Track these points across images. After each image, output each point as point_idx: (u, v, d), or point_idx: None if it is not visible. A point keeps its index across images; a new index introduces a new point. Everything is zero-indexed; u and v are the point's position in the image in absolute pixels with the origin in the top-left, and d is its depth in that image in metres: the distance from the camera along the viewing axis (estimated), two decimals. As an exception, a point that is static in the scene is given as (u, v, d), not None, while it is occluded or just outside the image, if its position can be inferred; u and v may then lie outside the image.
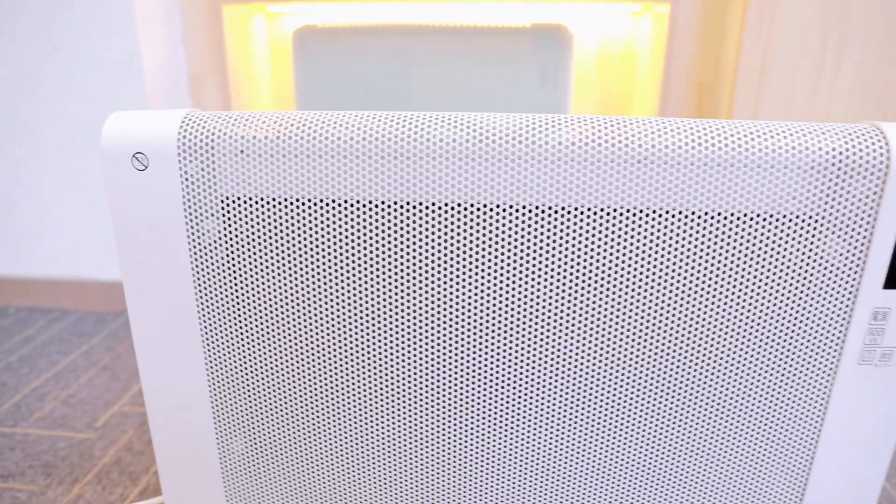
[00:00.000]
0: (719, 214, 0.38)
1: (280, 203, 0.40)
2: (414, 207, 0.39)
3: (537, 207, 0.39)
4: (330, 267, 0.41)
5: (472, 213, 0.39)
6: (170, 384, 0.46)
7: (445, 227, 0.40)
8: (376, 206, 0.40)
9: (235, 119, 0.41)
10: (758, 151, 0.37)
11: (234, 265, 0.42)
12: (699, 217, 0.38)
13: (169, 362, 0.46)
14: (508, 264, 0.40)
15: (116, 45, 1.08)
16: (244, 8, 1.16)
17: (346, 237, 0.41)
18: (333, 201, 0.40)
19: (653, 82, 1.06)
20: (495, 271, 0.40)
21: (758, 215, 0.38)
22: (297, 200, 0.40)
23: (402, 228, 0.40)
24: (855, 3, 0.93)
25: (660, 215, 0.39)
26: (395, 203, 0.39)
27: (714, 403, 0.43)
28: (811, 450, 0.44)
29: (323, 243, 0.41)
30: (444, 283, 0.41)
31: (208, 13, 1.14)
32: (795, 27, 0.95)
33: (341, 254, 0.41)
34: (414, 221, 0.40)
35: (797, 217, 0.38)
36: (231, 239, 0.42)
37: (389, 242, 0.40)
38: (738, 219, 0.38)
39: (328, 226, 0.40)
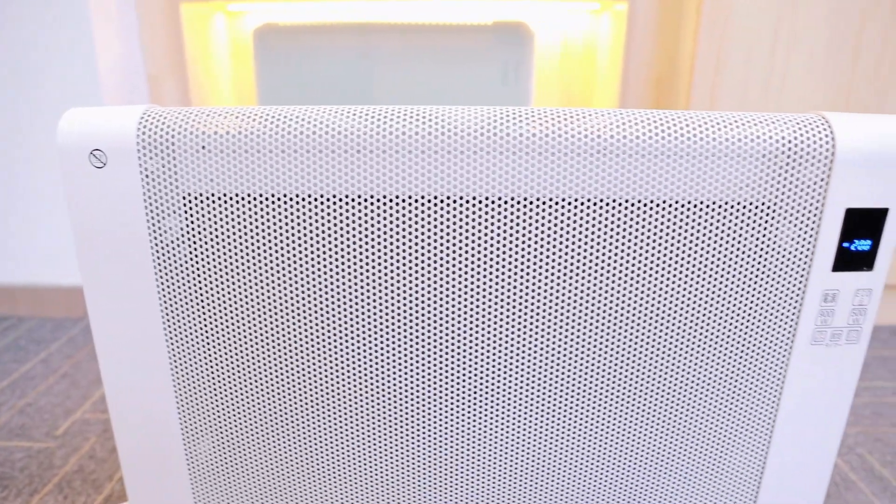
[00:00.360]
0: (677, 203, 0.39)
1: (243, 199, 0.40)
2: (378, 201, 0.40)
3: (500, 199, 0.39)
4: (294, 263, 0.41)
5: (434, 206, 0.40)
6: (134, 387, 0.45)
7: (409, 220, 0.40)
8: (341, 200, 0.40)
9: (196, 114, 0.40)
10: (712, 141, 0.39)
11: (197, 263, 0.42)
12: (657, 206, 0.40)
13: (132, 365, 0.45)
14: (474, 256, 0.41)
15: (70, 45, 1.06)
16: (203, 6, 1.14)
17: (311, 232, 0.41)
18: (298, 196, 0.40)
19: (612, 78, 1.08)
20: (459, 264, 0.41)
21: (714, 203, 0.40)
22: (261, 196, 0.40)
23: (367, 223, 0.40)
24: (803, 0, 0.97)
25: (619, 205, 0.39)
26: (360, 197, 0.40)
27: (676, 385, 0.44)
28: (769, 427, 0.46)
29: (287, 239, 0.41)
30: (410, 277, 0.41)
31: (166, 12, 1.12)
32: (748, 24, 0.98)
33: (306, 250, 0.41)
34: (378, 216, 0.40)
35: (751, 204, 0.40)
36: (194, 237, 0.41)
37: (355, 237, 0.40)
38: (695, 207, 0.40)
39: (292, 222, 0.40)
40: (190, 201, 0.41)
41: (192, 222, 0.41)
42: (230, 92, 1.27)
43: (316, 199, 0.40)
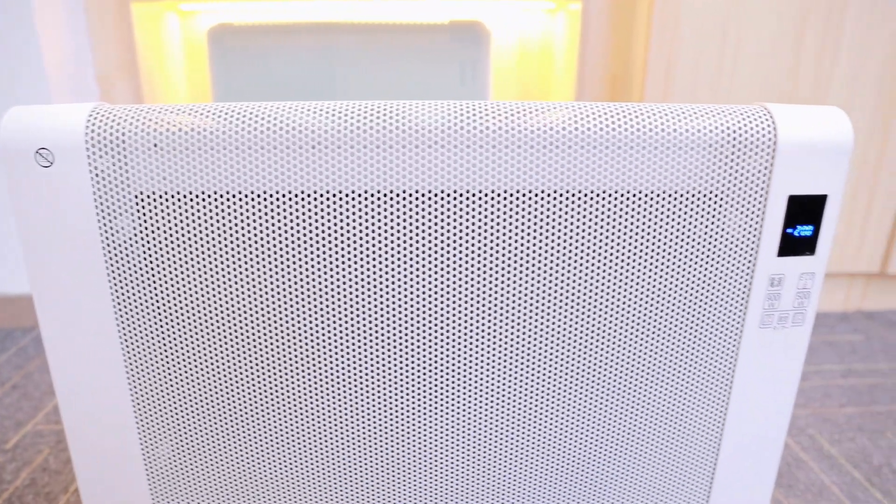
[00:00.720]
0: (628, 192, 0.41)
1: (198, 198, 0.40)
2: (334, 196, 0.40)
3: (455, 192, 0.40)
4: (252, 262, 0.41)
5: (392, 200, 0.40)
6: (89, 394, 0.44)
7: (368, 216, 0.40)
8: (298, 196, 0.40)
9: (147, 112, 0.39)
10: (661, 132, 0.40)
11: (152, 265, 0.41)
12: (610, 197, 0.41)
13: (87, 372, 0.44)
14: (433, 250, 0.41)
15: (14, 44, 1.02)
16: (154, 6, 1.11)
17: (268, 230, 0.40)
18: (253, 194, 0.39)
19: (568, 77, 1.10)
20: (419, 258, 0.41)
21: (664, 193, 0.41)
22: (216, 194, 0.40)
23: (325, 220, 0.40)
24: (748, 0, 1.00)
25: (573, 196, 0.40)
26: (315, 193, 0.39)
27: (633, 371, 0.45)
28: (724, 408, 0.47)
29: (244, 238, 0.40)
30: (370, 273, 0.41)
31: (116, 11, 1.09)
32: (697, 23, 1.01)
33: (263, 248, 0.41)
34: (337, 212, 0.40)
35: (699, 193, 0.41)
36: (148, 237, 0.41)
37: (314, 234, 0.40)
38: (647, 197, 0.41)
39: (249, 220, 0.40)
40: (143, 201, 0.40)
41: (146, 222, 0.40)
42: (185, 93, 1.24)
43: (272, 197, 0.40)
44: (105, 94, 1.14)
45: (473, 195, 0.40)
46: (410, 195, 0.40)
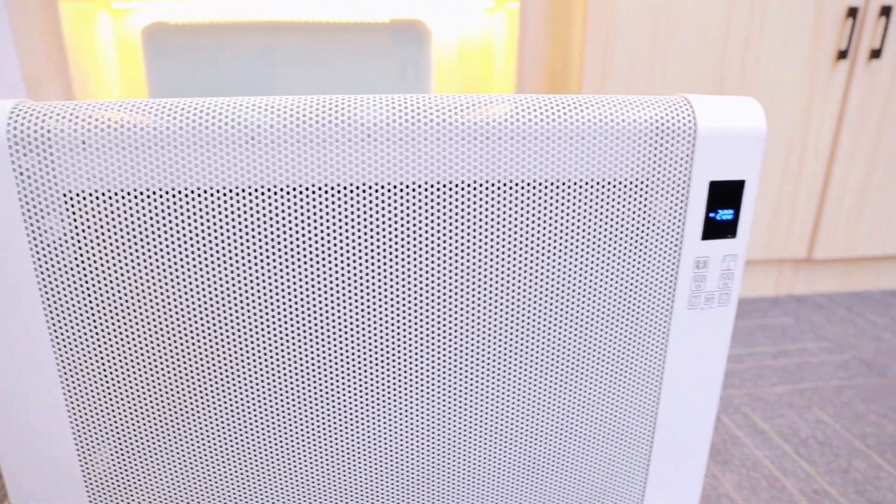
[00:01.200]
0: (557, 181, 0.42)
1: (130, 195, 0.39)
2: (272, 192, 0.40)
3: (374, 185, 0.40)
4: (186, 260, 0.41)
5: (307, 195, 0.40)
6: (20, 403, 0.43)
7: (303, 211, 0.40)
8: (231, 193, 0.39)
9: (75, 108, 0.39)
10: (587, 122, 0.41)
11: (83, 265, 0.40)
12: (543, 186, 0.42)
13: (18, 380, 0.42)
14: (350, 245, 0.41)
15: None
16: (84, 4, 1.08)
17: (204, 227, 0.40)
18: (187, 190, 0.39)
19: (508, 73, 1.12)
20: (340, 252, 0.42)
21: (594, 181, 0.42)
22: (149, 191, 0.39)
23: (263, 215, 0.40)
24: (678, -1, 1.04)
25: (505, 187, 0.42)
26: (253, 188, 0.39)
27: (570, 356, 0.47)
28: (657, 386, 0.50)
29: (179, 235, 0.40)
30: (306, 269, 0.42)
31: (42, 10, 1.05)
32: (630, 19, 1.04)
33: (197, 245, 0.40)
34: (271, 207, 0.40)
35: (627, 181, 0.43)
36: (78, 237, 0.40)
37: (247, 230, 0.40)
38: (578, 186, 0.42)
39: (184, 217, 0.40)
40: (72, 200, 0.39)
41: (76, 222, 0.39)
42: (120, 92, 1.21)
43: (208, 193, 0.39)
44: (33, 94, 1.09)
45: (408, 187, 0.41)
46: (352, 189, 0.40)
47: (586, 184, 0.42)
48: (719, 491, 0.71)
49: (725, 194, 0.45)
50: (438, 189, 0.41)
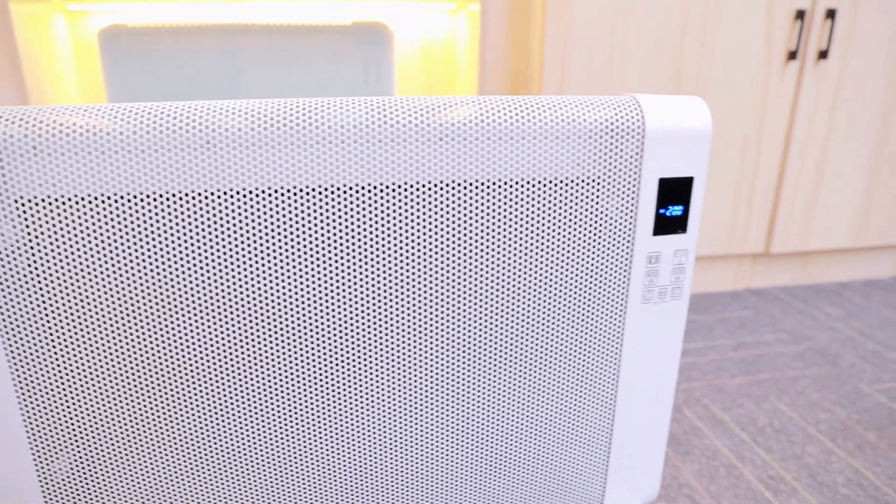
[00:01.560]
0: (512, 180, 0.43)
1: (83, 201, 0.39)
2: (207, 197, 0.40)
3: (340, 187, 0.41)
4: (144, 266, 0.40)
5: (273, 198, 0.40)
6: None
7: (270, 213, 0.40)
8: (188, 196, 0.39)
9: (24, 114, 0.38)
10: (540, 123, 0.42)
11: (39, 273, 0.40)
12: (499, 185, 0.43)
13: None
14: (319, 245, 0.42)
15: None
16: (37, 6, 1.06)
17: (162, 232, 0.40)
18: (142, 195, 0.39)
19: (471, 74, 1.13)
20: (303, 254, 0.42)
21: (546, 180, 0.44)
22: (104, 197, 0.39)
23: (226, 218, 0.40)
24: None
25: (464, 186, 0.42)
26: (188, 193, 0.40)
27: (529, 353, 0.48)
28: (615, 379, 0.51)
29: (137, 241, 0.40)
30: (273, 271, 0.42)
31: (-7, 12, 1.03)
32: (589, 18, 1.06)
33: (154, 251, 0.40)
34: (227, 211, 0.40)
35: (580, 179, 0.44)
36: (33, 245, 0.39)
37: (206, 234, 0.40)
38: (530, 184, 0.43)
39: (142, 222, 0.39)
40: (24, 206, 0.38)
41: (31, 229, 0.39)
42: (78, 97, 1.18)
43: (164, 197, 0.39)
44: (-14, 100, 1.07)
45: (364, 189, 0.41)
46: (319, 192, 0.40)
47: (539, 183, 0.43)
48: (680, 480, 0.73)
49: (675, 191, 0.46)
50: (402, 190, 0.41)
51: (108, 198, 0.39)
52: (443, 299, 0.45)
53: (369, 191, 0.41)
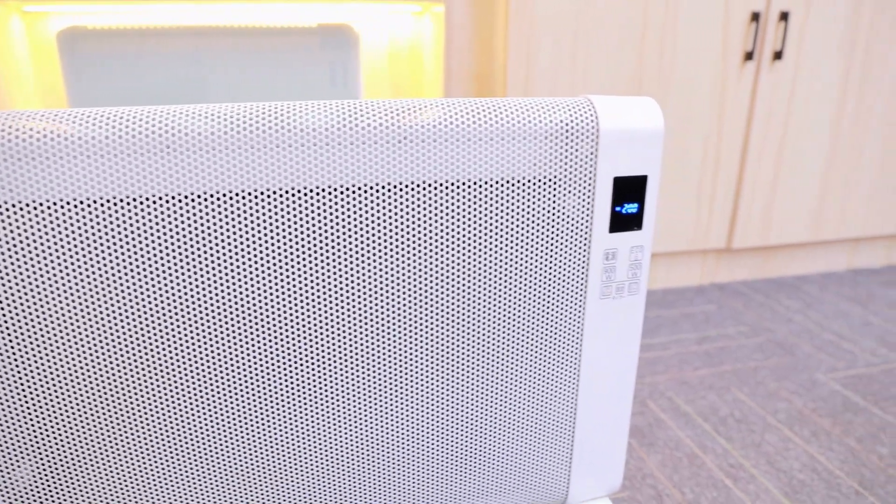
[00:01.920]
0: (471, 181, 0.44)
1: (40, 207, 0.39)
2: (170, 201, 0.40)
3: (301, 190, 0.41)
4: (102, 270, 0.40)
5: (234, 201, 0.41)
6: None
7: (215, 218, 0.41)
8: (143, 202, 0.40)
9: (-23, 118, 0.38)
10: (500, 124, 0.44)
11: (-7, 275, 0.39)
12: (458, 186, 0.44)
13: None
14: (286, 247, 0.42)
15: None
16: (-7, 7, 1.03)
17: (124, 238, 0.40)
18: (102, 199, 0.39)
19: (437, 76, 1.14)
20: (269, 257, 0.42)
21: (504, 180, 0.45)
22: (63, 202, 0.39)
23: (161, 224, 0.40)
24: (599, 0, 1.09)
25: (426, 187, 0.43)
26: (151, 197, 0.40)
27: (489, 350, 0.49)
28: (576, 376, 0.52)
29: (93, 245, 0.40)
30: (241, 275, 0.42)
31: (-53, 13, 1.00)
32: (552, 20, 1.08)
33: (114, 255, 0.40)
34: (170, 216, 0.40)
35: (538, 179, 0.45)
36: (-13, 248, 0.39)
37: (165, 239, 0.40)
38: (491, 184, 0.44)
39: (105, 228, 0.39)
40: (-22, 210, 0.38)
41: (-17, 233, 0.39)
42: (36, 100, 1.16)
43: (123, 202, 0.39)
44: (-60, 103, 1.04)
45: (336, 191, 0.42)
46: (284, 194, 0.41)
47: (498, 183, 0.45)
48: (644, 471, 0.75)
49: (629, 189, 0.48)
50: (368, 191, 0.42)
51: (68, 203, 0.39)
52: (407, 297, 0.46)
53: (334, 193, 0.42)
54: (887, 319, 1.20)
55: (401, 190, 0.43)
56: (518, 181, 0.45)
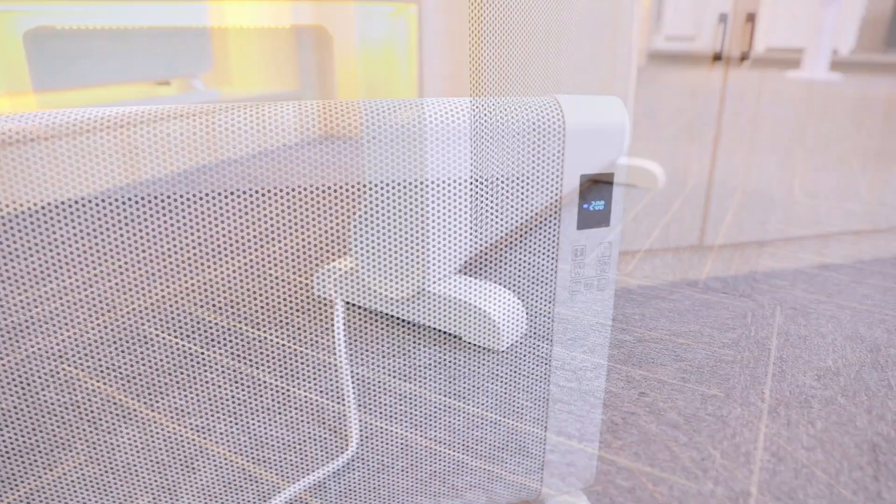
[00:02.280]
0: (440, 180, 0.44)
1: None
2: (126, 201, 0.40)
3: (278, 189, 0.41)
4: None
5: (196, 202, 0.41)
6: None
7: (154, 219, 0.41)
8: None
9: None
10: (467, 125, 0.44)
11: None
12: (431, 185, 0.44)
13: None
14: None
15: None
16: (-43, 7, 1.01)
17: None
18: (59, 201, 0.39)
19: (412, 76, 1.15)
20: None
21: (475, 179, 0.45)
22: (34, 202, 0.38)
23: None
24: (565, 3, 1.10)
25: (399, 185, 0.43)
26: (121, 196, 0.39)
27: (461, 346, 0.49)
28: (546, 368, 0.53)
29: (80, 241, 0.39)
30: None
31: None
32: (524, 20, 1.09)
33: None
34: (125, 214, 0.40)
35: (508, 178, 0.46)
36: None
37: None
38: (460, 183, 0.45)
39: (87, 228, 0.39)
40: (-61, 212, 0.38)
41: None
42: (5, 101, 1.14)
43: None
44: None
45: (315, 190, 0.42)
46: (252, 193, 0.41)
47: (469, 182, 0.45)
48: (618, 465, 0.76)
49: (596, 187, 0.48)
50: (337, 191, 0.42)
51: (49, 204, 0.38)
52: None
53: (321, 191, 0.42)
54: (855, 314, 1.23)
55: (369, 189, 0.43)
56: (488, 180, 0.45)
